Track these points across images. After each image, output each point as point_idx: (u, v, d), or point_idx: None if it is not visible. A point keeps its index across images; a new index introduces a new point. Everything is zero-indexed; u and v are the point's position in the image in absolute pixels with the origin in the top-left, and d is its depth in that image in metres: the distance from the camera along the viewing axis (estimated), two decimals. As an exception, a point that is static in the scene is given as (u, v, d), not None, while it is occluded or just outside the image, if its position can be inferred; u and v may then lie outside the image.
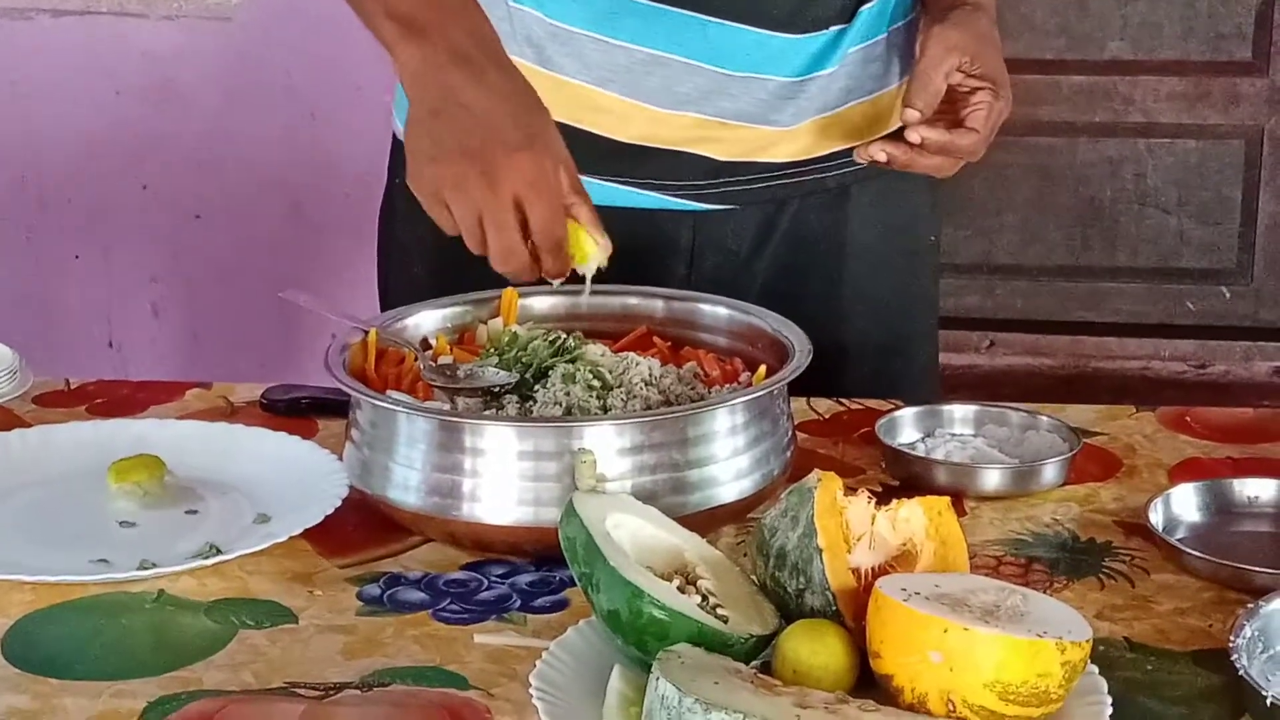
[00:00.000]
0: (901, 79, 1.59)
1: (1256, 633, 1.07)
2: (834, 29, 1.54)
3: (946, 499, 1.10)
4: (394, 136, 1.66)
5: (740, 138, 1.54)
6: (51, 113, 3.12)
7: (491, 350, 1.36)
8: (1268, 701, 1.00)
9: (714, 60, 1.50)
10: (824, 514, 1.05)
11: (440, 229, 1.30)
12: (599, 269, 1.33)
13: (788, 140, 1.55)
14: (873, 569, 1.06)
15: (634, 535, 1.10)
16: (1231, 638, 1.05)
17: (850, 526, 1.07)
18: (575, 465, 1.18)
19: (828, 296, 1.62)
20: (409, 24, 1.31)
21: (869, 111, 1.58)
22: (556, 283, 1.31)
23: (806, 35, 1.52)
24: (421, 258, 1.62)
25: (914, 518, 1.08)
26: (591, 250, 1.31)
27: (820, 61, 1.54)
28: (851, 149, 1.51)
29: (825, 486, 1.07)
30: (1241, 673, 1.02)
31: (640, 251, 1.50)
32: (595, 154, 1.49)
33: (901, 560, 1.07)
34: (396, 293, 1.63)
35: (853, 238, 1.61)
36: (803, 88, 1.54)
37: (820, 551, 1.04)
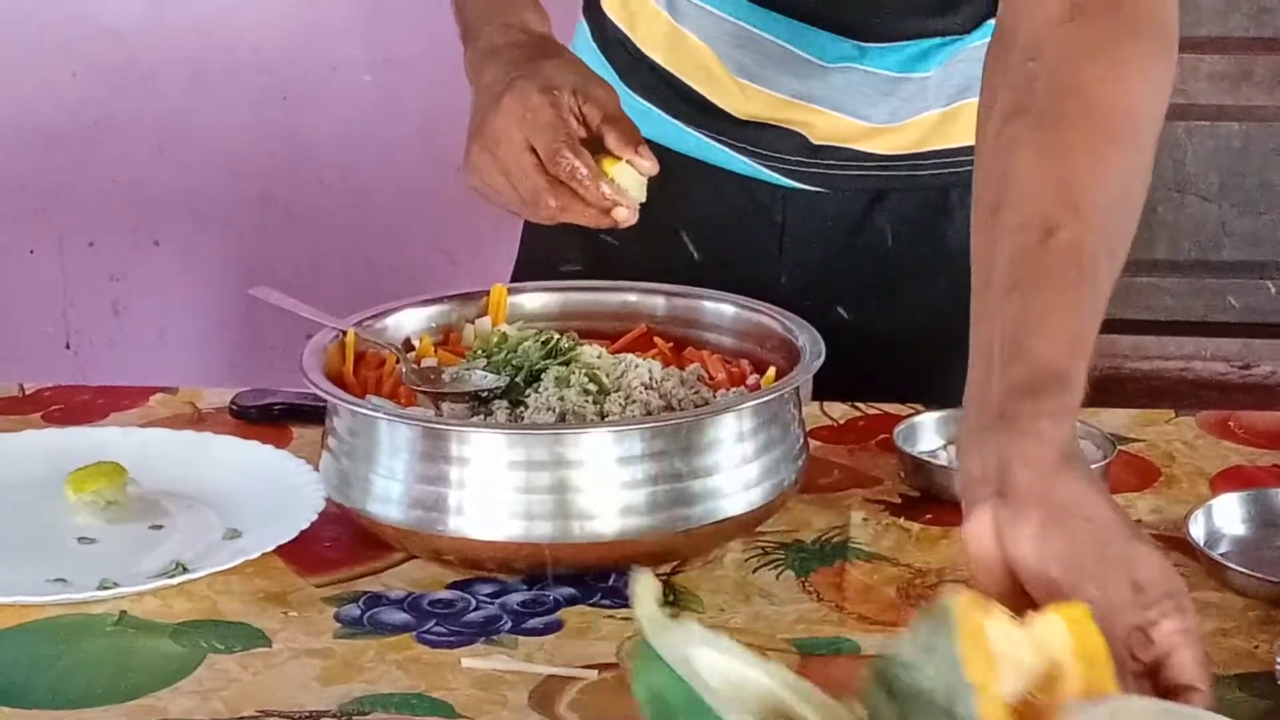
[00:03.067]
0: None
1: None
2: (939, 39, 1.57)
3: (1085, 608, 0.95)
4: None
5: (834, 125, 1.58)
6: (1, 94, 3.12)
7: (479, 352, 1.36)
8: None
9: (807, 50, 1.56)
10: (970, 643, 0.91)
11: None
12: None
13: (888, 134, 1.59)
14: (1019, 702, 0.94)
15: (724, 677, 0.93)
16: (1279, 660, 1.06)
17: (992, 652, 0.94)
18: (632, 589, 0.93)
19: (922, 299, 1.64)
20: (465, 30, 1.52)
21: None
22: (623, 217, 1.38)
23: (900, 43, 1.57)
24: None
25: (1054, 632, 0.96)
26: (618, 172, 1.38)
27: (919, 63, 1.57)
28: (958, 148, 1.57)
29: (968, 610, 0.91)
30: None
31: (734, 215, 1.61)
32: (697, 110, 1.61)
33: (1044, 685, 0.96)
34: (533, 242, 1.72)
35: (953, 241, 1.63)
36: (899, 86, 1.57)
37: (972, 689, 0.90)
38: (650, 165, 1.38)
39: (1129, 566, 1.02)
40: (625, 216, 1.39)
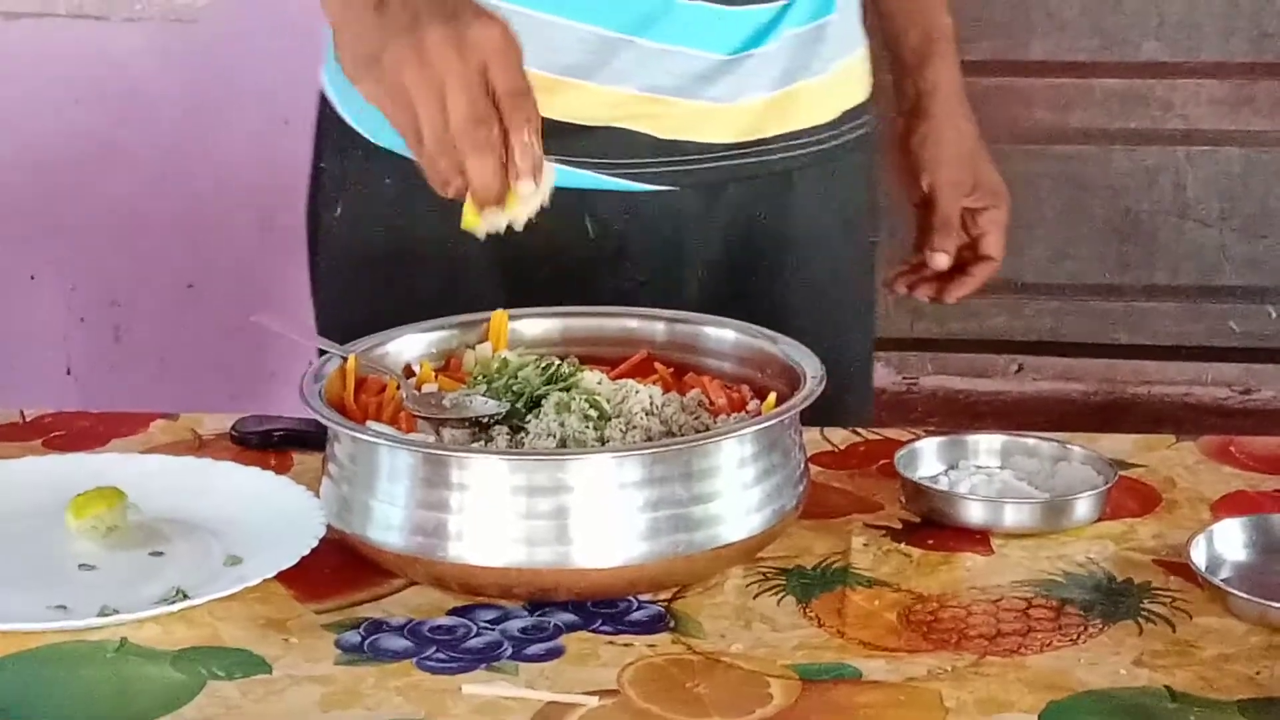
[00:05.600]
0: (846, 57, 1.66)
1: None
2: (773, 5, 1.57)
3: None
4: (321, 108, 1.68)
5: (675, 113, 1.57)
6: (3, 122, 3.13)
7: (480, 378, 1.36)
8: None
9: (645, 34, 1.54)
10: None
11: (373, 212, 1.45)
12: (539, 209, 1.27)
13: (726, 118, 1.59)
14: None
15: None
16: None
17: None
18: None
19: (769, 290, 1.65)
20: None
21: (814, 92, 1.63)
22: (528, 191, 1.23)
23: (742, 8, 1.56)
24: (357, 247, 1.65)
25: None
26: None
27: (757, 40, 1.58)
28: (794, 132, 1.61)
29: None
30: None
31: (571, 233, 1.56)
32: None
33: None
34: (330, 290, 1.68)
35: (795, 227, 1.66)
36: (739, 64, 1.57)
37: None
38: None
39: (978, 167, 1.71)
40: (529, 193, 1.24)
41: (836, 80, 1.65)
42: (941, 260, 1.69)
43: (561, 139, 1.51)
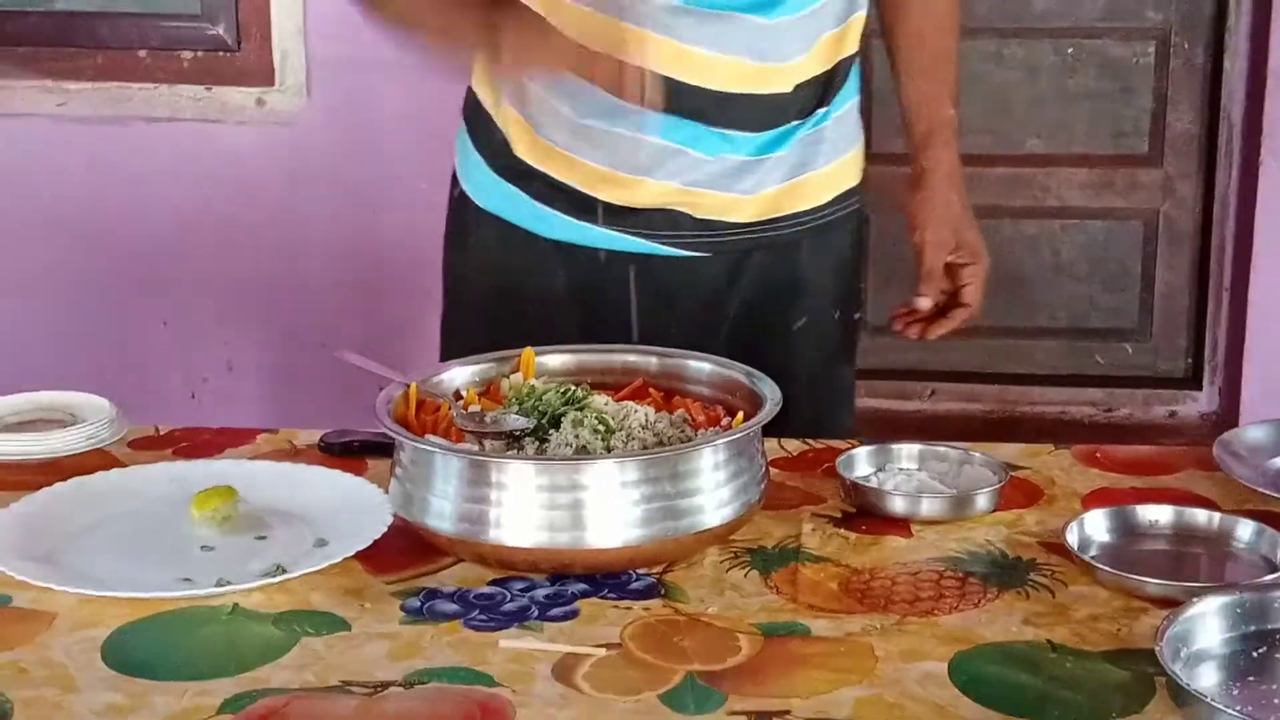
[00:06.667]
0: (845, 152, 1.65)
1: (1176, 637, 1.07)
2: (787, 127, 1.58)
3: None
4: (452, 187, 1.69)
5: (708, 202, 1.57)
6: (147, 204, 3.14)
7: (513, 400, 1.36)
8: (1189, 690, 1.00)
9: (692, 146, 1.54)
10: None
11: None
12: None
13: (748, 204, 1.59)
14: None
15: None
16: (1158, 642, 1.05)
17: None
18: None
19: (783, 326, 1.65)
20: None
21: (816, 182, 1.62)
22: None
23: (761, 133, 1.56)
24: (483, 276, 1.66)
25: None
26: None
27: (773, 146, 1.57)
28: (800, 212, 1.61)
29: None
30: (1167, 670, 1.02)
31: (625, 285, 1.58)
32: (607, 212, 1.56)
33: None
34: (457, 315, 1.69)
35: (801, 280, 1.65)
36: (760, 164, 1.57)
37: None
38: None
39: (962, 230, 1.66)
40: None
41: (834, 171, 1.64)
42: (924, 303, 1.65)
43: (626, 218, 1.57)
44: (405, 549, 1.27)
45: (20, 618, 1.17)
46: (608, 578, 1.22)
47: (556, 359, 1.45)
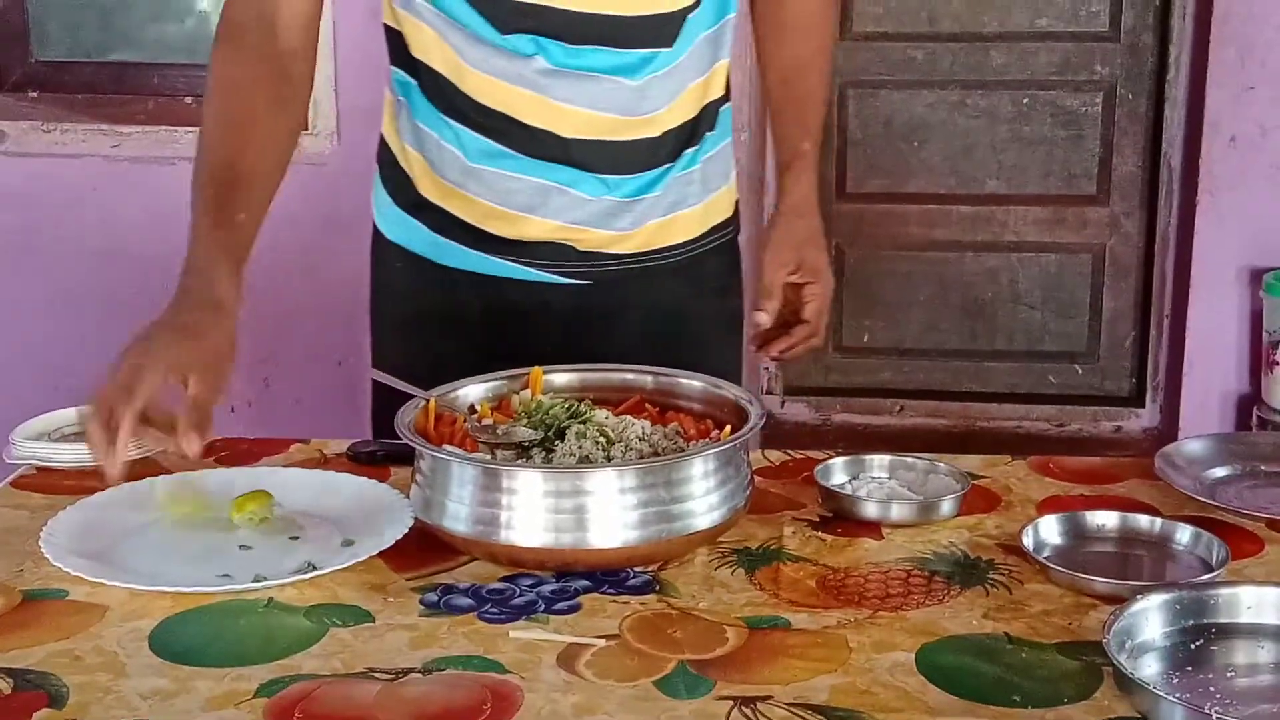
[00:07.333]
0: (717, 190, 1.62)
1: (1121, 631, 1.07)
2: (660, 169, 1.55)
3: None
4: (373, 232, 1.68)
5: (590, 238, 1.54)
6: (171, 240, 3.13)
7: (522, 414, 1.36)
8: (1133, 679, 0.99)
9: (574, 187, 1.51)
10: None
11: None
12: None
13: (627, 239, 1.56)
14: None
15: None
16: (1105, 635, 1.05)
17: None
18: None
19: (665, 341, 1.60)
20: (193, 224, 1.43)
21: (690, 218, 1.60)
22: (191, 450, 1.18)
23: (637, 175, 1.54)
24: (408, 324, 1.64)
25: None
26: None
27: (649, 188, 1.55)
28: (675, 245, 1.58)
29: None
30: (1113, 660, 1.02)
31: (521, 311, 1.55)
32: (499, 244, 1.53)
33: None
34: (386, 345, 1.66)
35: (678, 304, 1.61)
36: (636, 204, 1.54)
37: None
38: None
39: (804, 251, 1.58)
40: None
41: (707, 208, 1.61)
42: (761, 318, 1.56)
43: (518, 249, 1.55)
44: (424, 548, 1.26)
45: (76, 610, 1.17)
46: (608, 575, 1.22)
47: (562, 377, 1.45)
